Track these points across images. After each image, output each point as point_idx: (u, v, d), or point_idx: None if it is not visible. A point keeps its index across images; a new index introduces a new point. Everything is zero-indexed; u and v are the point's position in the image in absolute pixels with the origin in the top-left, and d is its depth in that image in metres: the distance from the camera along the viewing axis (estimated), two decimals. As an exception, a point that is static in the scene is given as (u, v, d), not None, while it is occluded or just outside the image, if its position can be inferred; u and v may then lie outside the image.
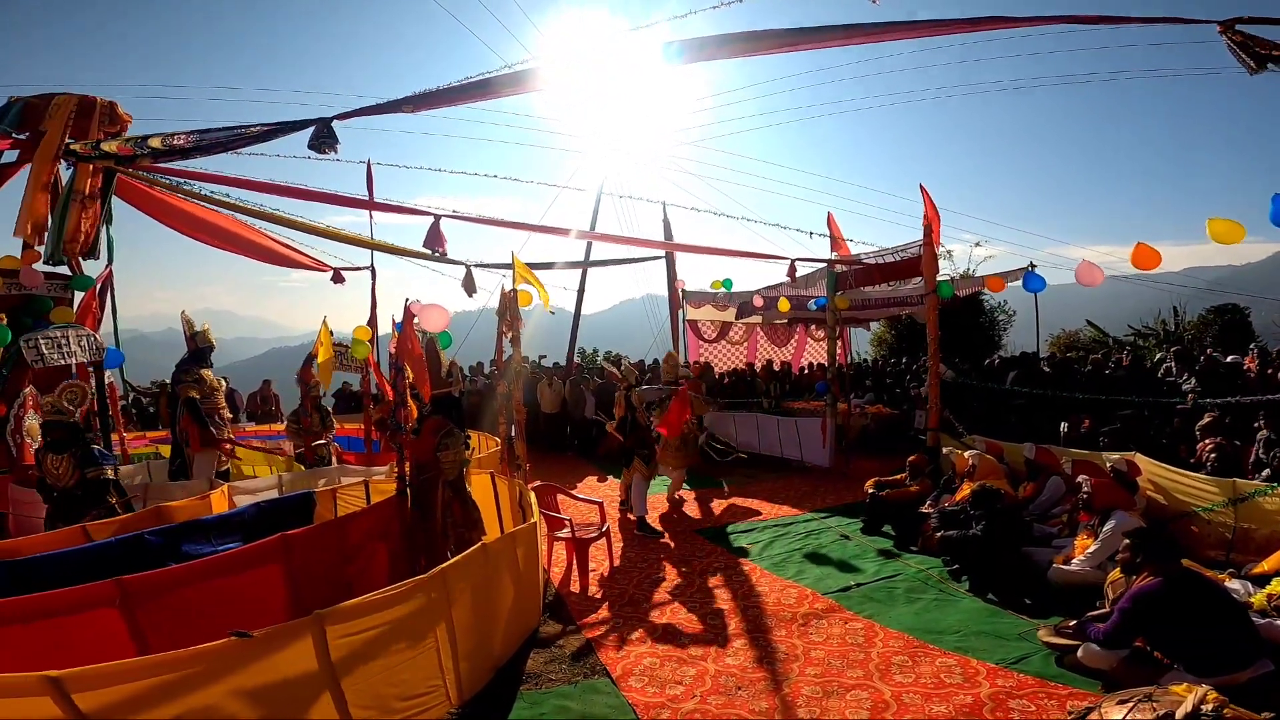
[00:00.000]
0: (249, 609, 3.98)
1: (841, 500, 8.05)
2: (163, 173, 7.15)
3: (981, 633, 4.41)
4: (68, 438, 5.31)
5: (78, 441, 5.35)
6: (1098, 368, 10.12)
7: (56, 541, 4.40)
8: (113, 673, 2.36)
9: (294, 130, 4.96)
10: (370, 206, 7.99)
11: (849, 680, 3.90)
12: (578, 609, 5.14)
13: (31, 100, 6.77)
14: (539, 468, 8.63)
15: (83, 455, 5.25)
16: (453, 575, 3.62)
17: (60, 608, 3.30)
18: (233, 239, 9.32)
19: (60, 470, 5.20)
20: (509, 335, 7.04)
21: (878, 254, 9.78)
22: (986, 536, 5.15)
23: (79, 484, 5.20)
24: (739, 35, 4.34)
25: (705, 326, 14.62)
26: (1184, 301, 16.35)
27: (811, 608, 4.97)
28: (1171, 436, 7.39)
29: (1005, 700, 3.58)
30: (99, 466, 5.29)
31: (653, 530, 7.05)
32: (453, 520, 4.90)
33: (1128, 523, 4.70)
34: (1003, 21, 4.13)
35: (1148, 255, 6.37)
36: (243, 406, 13.41)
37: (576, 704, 3.75)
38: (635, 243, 11.80)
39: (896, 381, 13.15)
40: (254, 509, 5.08)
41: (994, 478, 5.99)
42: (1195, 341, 14.50)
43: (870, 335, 19.53)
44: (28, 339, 5.70)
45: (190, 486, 6.30)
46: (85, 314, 6.65)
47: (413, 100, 4.75)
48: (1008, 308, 18.80)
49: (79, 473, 5.18)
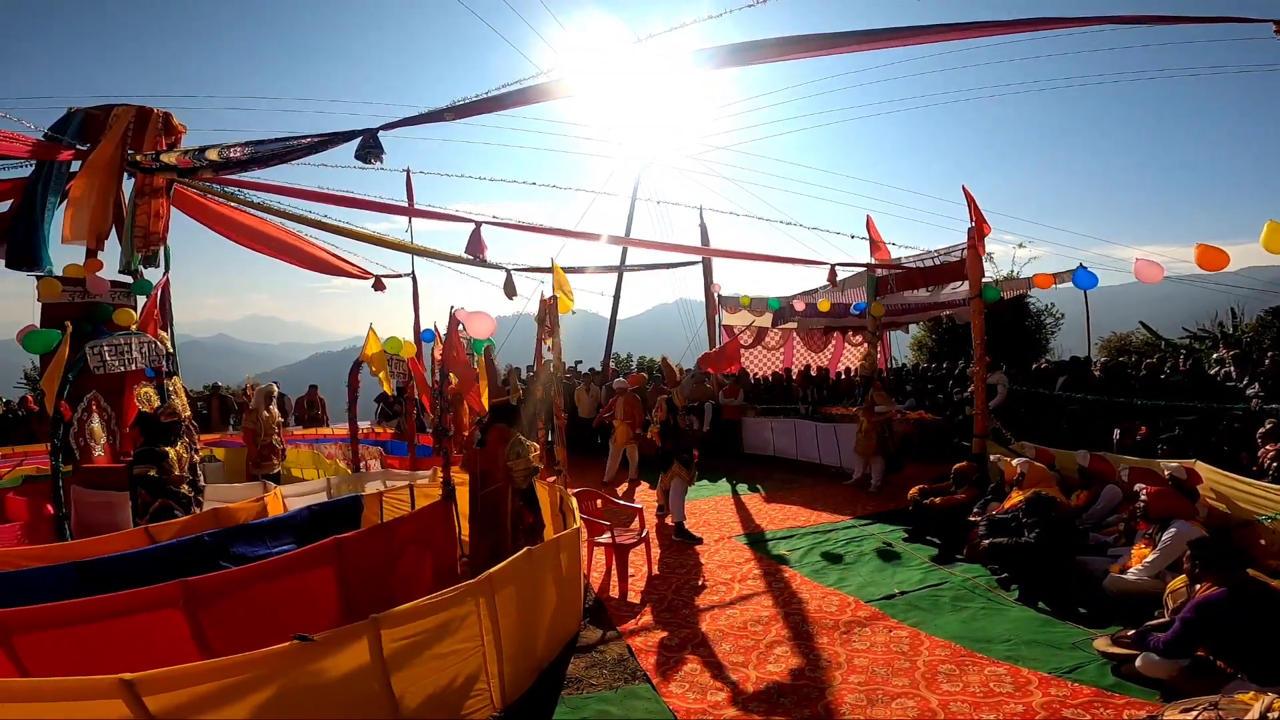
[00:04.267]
0: (303, 610, 4.10)
1: (883, 507, 7.93)
2: (218, 181, 7.39)
3: (1033, 642, 4.30)
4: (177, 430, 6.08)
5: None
6: (1153, 372, 9.77)
7: (121, 543, 4.57)
8: (182, 675, 2.41)
9: (343, 141, 5.11)
10: (413, 213, 8.17)
11: (894, 689, 3.84)
12: (618, 614, 5.15)
13: (91, 111, 6.99)
14: (575, 472, 8.69)
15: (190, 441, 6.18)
16: (499, 580, 3.66)
17: (127, 608, 3.40)
18: (280, 246, 9.60)
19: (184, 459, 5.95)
20: (548, 341, 7.10)
21: (919, 257, 9.63)
22: (1040, 544, 5.03)
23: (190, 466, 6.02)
24: (779, 40, 4.33)
25: (741, 331, 14.55)
26: (1241, 302, 15.70)
27: (854, 615, 4.91)
28: (1232, 443, 7.11)
29: (1059, 709, 3.49)
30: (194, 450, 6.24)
31: (691, 536, 7.04)
32: (524, 528, 4.85)
33: (1188, 531, 4.54)
34: (1057, 22, 4.06)
35: (1214, 256, 5.96)
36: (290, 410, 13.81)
37: (617, 709, 3.76)
38: (672, 248, 11.81)
39: (939, 387, 12.90)
40: (306, 512, 5.23)
41: (1045, 485, 5.84)
42: (1254, 344, 13.91)
43: (909, 339, 19.18)
44: (93, 346, 5.94)
45: (245, 489, 6.53)
46: (147, 321, 6.90)
47: (454, 109, 4.85)
48: (1055, 310, 18.29)
49: (192, 454, 6.07)
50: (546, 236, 8.61)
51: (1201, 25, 4.48)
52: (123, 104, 7.12)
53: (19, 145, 6.02)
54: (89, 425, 6.83)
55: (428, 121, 5.14)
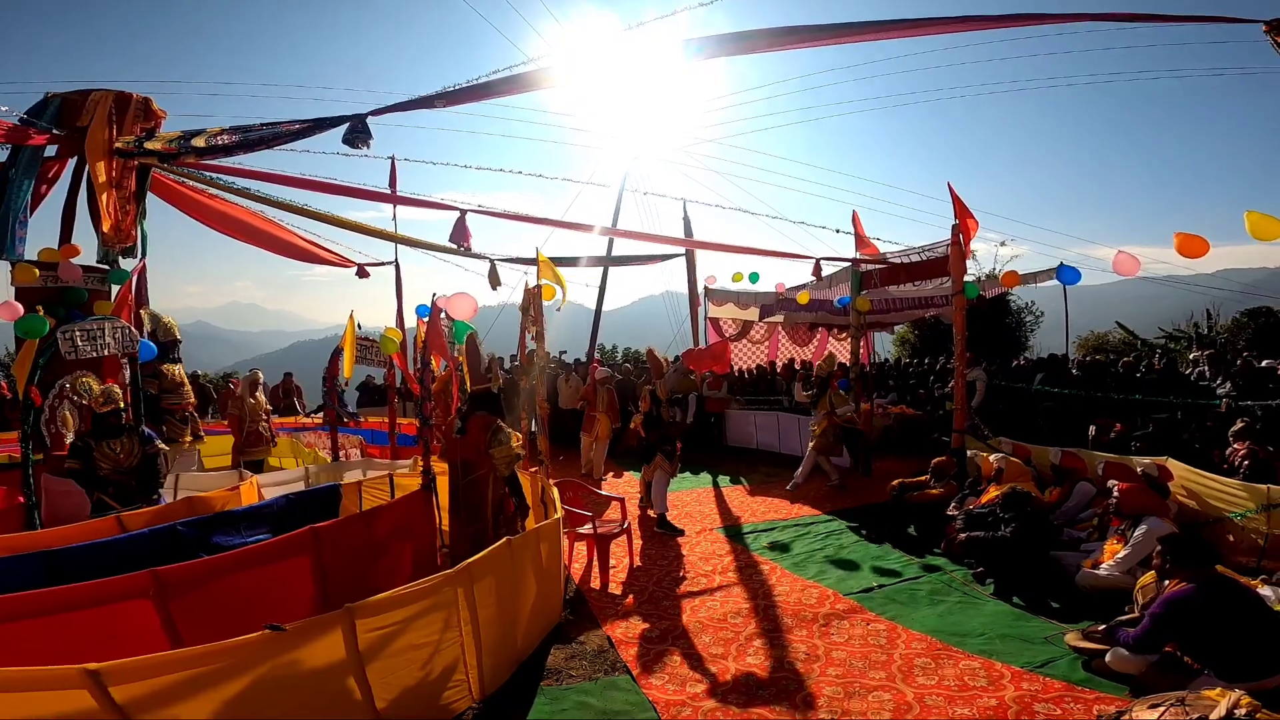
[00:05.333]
0: (278, 600, 4.05)
1: (862, 501, 7.99)
2: (195, 167, 7.25)
3: (1007, 636, 4.36)
4: (122, 422, 5.63)
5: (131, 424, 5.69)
6: (1129, 370, 9.93)
7: (91, 532, 4.48)
8: (150, 665, 2.37)
9: (331, 127, 5.03)
10: (397, 200, 8.05)
11: (871, 681, 3.88)
12: (598, 606, 5.16)
13: (69, 96, 6.85)
14: (557, 462, 8.67)
15: (143, 435, 5.64)
16: (478, 570, 3.64)
17: (96, 599, 3.34)
18: (259, 234, 9.44)
19: (123, 452, 5.49)
20: (533, 331, 7.06)
21: (903, 253, 9.68)
22: (1016, 539, 5.09)
23: (142, 462, 5.52)
24: (757, 32, 4.31)
25: (727, 324, 14.57)
26: (1217, 304, 15.98)
27: (833, 608, 4.95)
28: (1204, 441, 7.24)
29: (1030, 703, 3.54)
30: (154, 443, 5.65)
31: (673, 528, 7.05)
32: (505, 518, 4.81)
33: (1159, 528, 4.62)
34: (1038, 19, 4.07)
35: (1194, 244, 5.84)
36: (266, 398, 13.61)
37: (597, 700, 3.77)
38: (658, 240, 11.77)
39: (920, 382, 13.02)
40: (283, 500, 5.17)
41: (1021, 481, 5.91)
42: (1229, 345, 14.17)
43: (893, 335, 19.34)
44: (64, 331, 5.81)
45: (220, 478, 6.42)
46: (121, 307, 6.75)
47: (443, 96, 4.79)
48: (1035, 309, 18.52)
49: (143, 450, 5.52)
50: (532, 230, 8.56)
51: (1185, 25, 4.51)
52: (100, 88, 6.97)
53: None
54: (60, 412, 6.70)
55: (417, 108, 5.07)
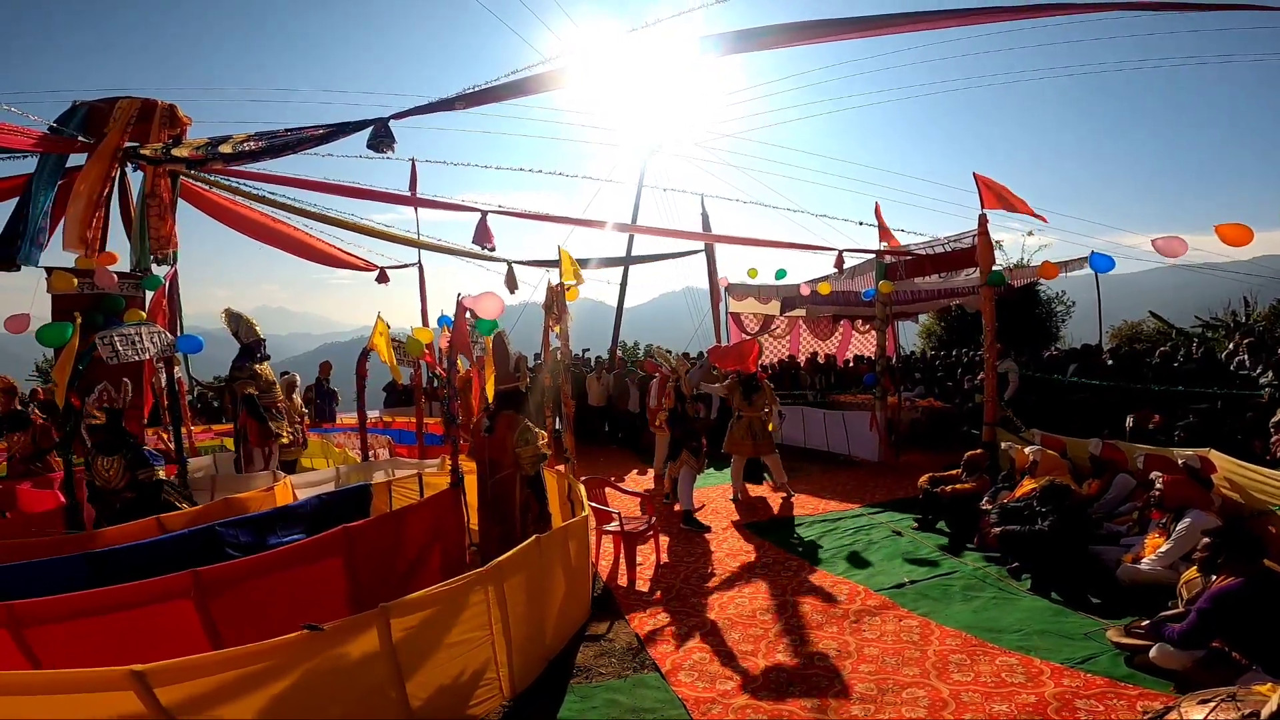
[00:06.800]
0: (312, 600, 4.10)
1: (892, 495, 7.90)
2: (221, 173, 7.35)
3: (1045, 632, 4.27)
4: (115, 439, 5.20)
5: (126, 443, 5.24)
6: (1166, 360, 9.68)
7: (132, 533, 4.57)
8: (194, 666, 2.39)
9: (355, 131, 5.07)
10: (418, 203, 8.13)
11: (904, 678, 3.82)
12: (626, 603, 5.15)
13: (96, 104, 6.93)
14: (583, 460, 8.68)
15: (133, 457, 5.13)
16: (508, 568, 3.65)
17: (139, 599, 3.39)
18: (283, 239, 9.59)
19: (111, 473, 5.07)
20: (556, 329, 7.07)
21: (928, 244, 9.54)
22: (1053, 533, 4.98)
23: (129, 485, 5.07)
24: (777, 28, 4.26)
25: (748, 319, 14.50)
26: (1254, 291, 15.51)
27: (864, 604, 4.89)
28: (1245, 432, 7.03)
29: (1071, 700, 3.46)
30: (150, 468, 5.17)
31: (699, 524, 7.03)
32: (532, 517, 4.80)
33: (1204, 521, 4.49)
34: (1066, 8, 3.97)
35: (1238, 233, 5.65)
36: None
37: (626, 698, 3.76)
38: (678, 235, 11.74)
39: (947, 374, 12.83)
40: (316, 501, 5.23)
41: (1058, 473, 5.79)
42: (1267, 333, 13.76)
43: (918, 327, 19.09)
44: (103, 336, 5.92)
45: (256, 479, 6.53)
46: (155, 312, 6.89)
47: (464, 97, 4.81)
48: (1066, 298, 18.16)
49: (130, 475, 5.07)
50: (552, 230, 8.60)
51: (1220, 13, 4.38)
52: (127, 96, 7.09)
53: (23, 139, 6.00)
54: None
55: (438, 110, 5.09)
